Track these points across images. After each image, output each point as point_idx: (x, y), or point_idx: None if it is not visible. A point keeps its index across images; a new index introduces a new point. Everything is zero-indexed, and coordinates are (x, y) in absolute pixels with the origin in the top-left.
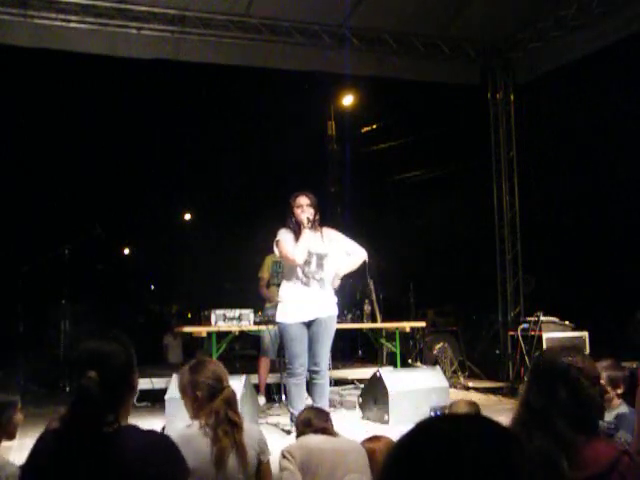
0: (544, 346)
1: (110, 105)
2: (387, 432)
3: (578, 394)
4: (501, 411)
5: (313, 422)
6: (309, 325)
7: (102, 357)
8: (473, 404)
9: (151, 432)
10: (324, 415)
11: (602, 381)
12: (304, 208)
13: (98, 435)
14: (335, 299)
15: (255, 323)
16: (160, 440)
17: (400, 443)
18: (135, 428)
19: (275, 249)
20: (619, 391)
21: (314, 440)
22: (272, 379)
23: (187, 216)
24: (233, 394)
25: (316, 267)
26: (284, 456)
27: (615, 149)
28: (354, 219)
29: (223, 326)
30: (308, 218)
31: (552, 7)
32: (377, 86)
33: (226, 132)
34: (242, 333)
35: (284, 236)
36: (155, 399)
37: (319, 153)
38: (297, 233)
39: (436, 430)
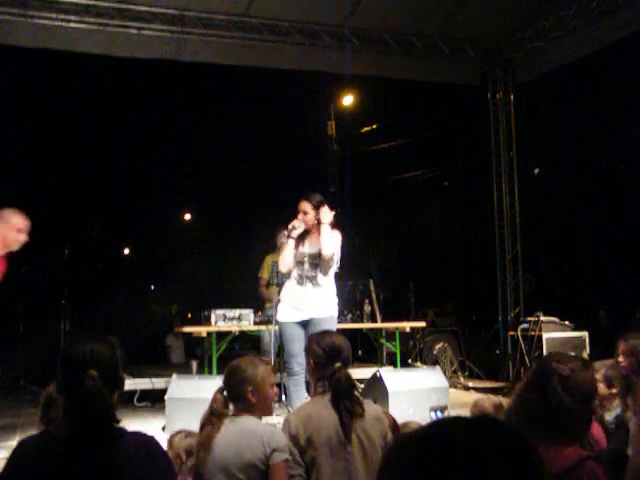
0: (544, 346)
1: (110, 105)
2: None
3: (550, 401)
4: None
5: (345, 351)
6: (305, 325)
7: (98, 357)
8: (499, 406)
9: (139, 434)
10: (348, 348)
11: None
12: (301, 215)
13: (107, 436)
14: (335, 300)
15: (255, 323)
16: (148, 441)
17: (409, 450)
18: (122, 430)
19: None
20: (614, 390)
21: (327, 432)
22: None
23: (187, 216)
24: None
25: (309, 267)
26: (289, 433)
27: (615, 149)
28: (354, 219)
29: (223, 326)
30: (294, 226)
31: (552, 7)
32: (377, 86)
33: (226, 132)
34: (242, 333)
35: (284, 240)
36: (155, 399)
37: (319, 153)
38: (300, 235)
39: (450, 438)
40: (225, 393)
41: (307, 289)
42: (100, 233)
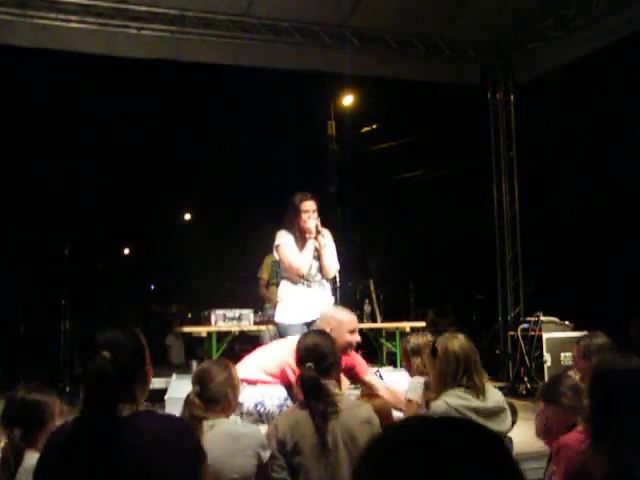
0: (544, 346)
1: (110, 105)
2: None
3: None
4: None
5: (328, 358)
6: (309, 325)
7: (114, 342)
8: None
9: (168, 416)
10: (335, 349)
11: None
12: (310, 214)
13: (114, 418)
14: (332, 299)
15: (255, 323)
16: (176, 424)
17: (380, 453)
18: (151, 412)
19: (275, 253)
20: None
21: (314, 438)
22: None
23: (187, 216)
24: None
25: (316, 270)
26: (276, 438)
27: (615, 149)
28: (354, 219)
29: (223, 326)
30: (317, 226)
31: (552, 7)
32: (377, 86)
33: (226, 132)
34: (242, 333)
35: (286, 242)
36: (155, 399)
37: (319, 153)
38: (298, 238)
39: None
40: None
41: (315, 291)
42: (100, 233)
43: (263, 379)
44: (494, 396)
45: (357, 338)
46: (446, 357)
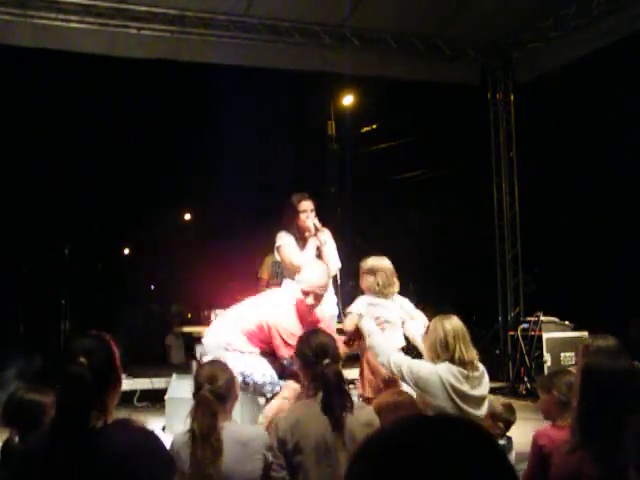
0: (544, 346)
1: (110, 105)
2: None
3: None
4: None
5: (337, 356)
6: None
7: (89, 349)
8: (508, 406)
9: (138, 429)
10: (335, 346)
11: None
12: (308, 214)
13: (86, 429)
14: (335, 299)
15: None
16: (147, 437)
17: (373, 453)
18: (123, 424)
19: (276, 254)
20: None
21: (315, 438)
22: None
23: (187, 216)
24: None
25: None
26: (276, 436)
27: (615, 149)
28: (354, 219)
29: None
30: (315, 225)
31: (552, 7)
32: (377, 86)
33: (226, 132)
34: None
35: (287, 242)
36: (155, 399)
37: (319, 153)
38: (298, 238)
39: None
40: None
41: None
42: (99, 233)
43: (242, 340)
44: (484, 385)
45: (310, 301)
46: (435, 330)
